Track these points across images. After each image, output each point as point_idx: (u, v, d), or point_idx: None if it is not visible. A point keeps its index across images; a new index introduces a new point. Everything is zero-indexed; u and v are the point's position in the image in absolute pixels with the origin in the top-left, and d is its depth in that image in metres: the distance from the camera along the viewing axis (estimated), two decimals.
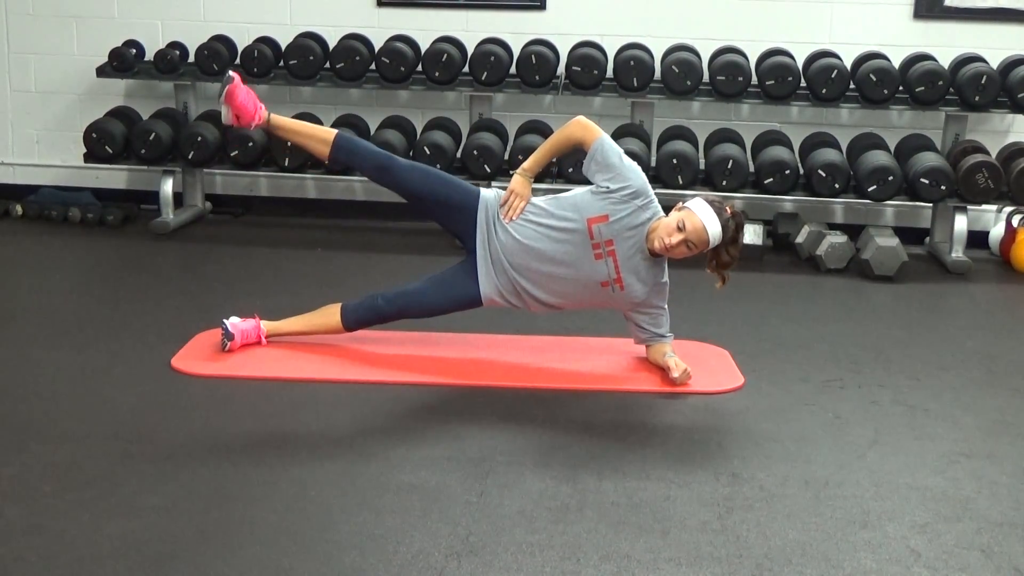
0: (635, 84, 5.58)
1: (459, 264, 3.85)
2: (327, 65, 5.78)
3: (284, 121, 3.94)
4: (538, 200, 3.77)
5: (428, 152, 5.46)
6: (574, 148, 3.81)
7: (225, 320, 3.84)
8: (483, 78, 5.64)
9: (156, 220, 5.77)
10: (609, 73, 5.65)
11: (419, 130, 5.84)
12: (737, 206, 5.85)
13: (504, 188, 3.80)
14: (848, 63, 5.64)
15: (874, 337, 4.35)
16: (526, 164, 3.79)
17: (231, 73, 3.84)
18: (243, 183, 6.35)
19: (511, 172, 3.88)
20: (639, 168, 3.69)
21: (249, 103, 3.84)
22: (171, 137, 5.67)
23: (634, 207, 3.62)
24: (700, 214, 3.56)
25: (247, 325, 3.90)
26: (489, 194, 3.82)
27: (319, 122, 5.82)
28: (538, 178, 3.90)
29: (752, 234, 5.40)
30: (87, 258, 5.43)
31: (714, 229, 3.56)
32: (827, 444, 3.28)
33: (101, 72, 5.91)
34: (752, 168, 5.56)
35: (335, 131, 3.94)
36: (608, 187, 3.63)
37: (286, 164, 5.56)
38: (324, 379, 3.67)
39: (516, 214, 3.73)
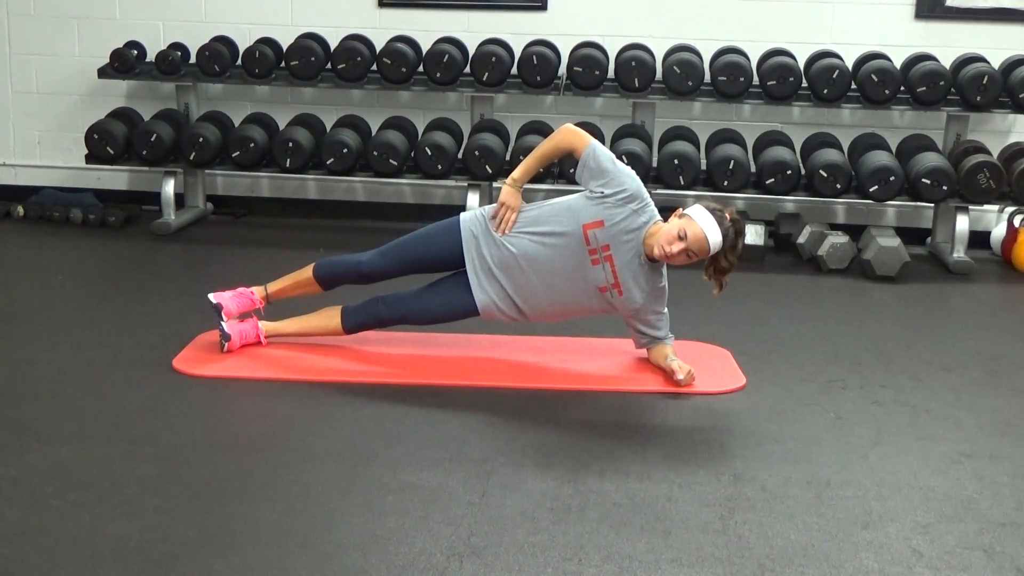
0: (636, 84, 5.58)
1: (458, 273, 3.84)
2: (328, 66, 5.78)
3: (276, 287, 3.99)
4: (529, 208, 3.76)
5: (429, 153, 5.47)
6: (564, 156, 3.81)
7: (223, 321, 3.83)
8: (484, 79, 5.64)
9: (157, 221, 5.77)
10: (610, 74, 5.65)
11: (420, 131, 5.84)
12: (738, 206, 5.91)
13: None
14: (849, 63, 5.64)
15: (876, 337, 4.35)
16: (515, 174, 3.77)
17: (210, 298, 3.87)
18: (244, 184, 6.35)
19: (501, 180, 3.85)
20: (633, 172, 3.68)
21: (242, 301, 3.92)
22: (172, 138, 5.67)
23: (629, 211, 3.61)
24: (701, 222, 3.54)
25: (245, 326, 3.90)
26: (468, 216, 3.82)
27: (320, 125, 5.86)
28: (538, 179, 3.89)
29: (754, 234, 5.40)
30: (88, 259, 5.44)
31: (715, 238, 3.55)
32: (829, 444, 3.28)
33: (102, 73, 5.91)
34: (753, 168, 5.56)
35: (311, 266, 3.96)
36: (603, 192, 3.61)
37: (287, 165, 5.55)
38: (325, 380, 3.67)
39: (509, 227, 3.71)
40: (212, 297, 3.88)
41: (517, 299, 3.74)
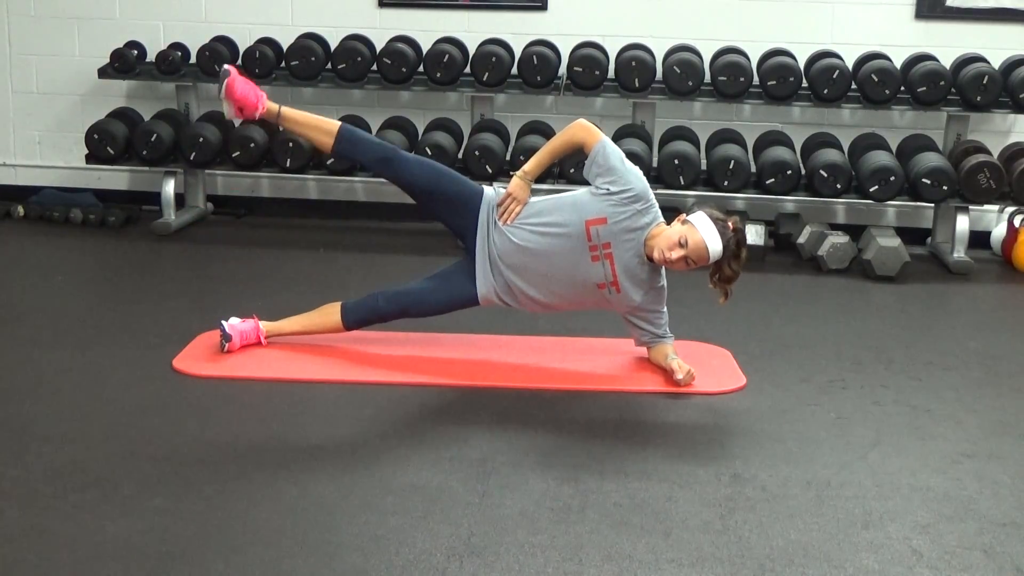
0: (636, 84, 5.58)
1: (457, 263, 3.85)
2: (329, 66, 5.78)
3: (291, 112, 3.88)
4: (535, 200, 3.77)
5: (429, 153, 5.46)
6: (575, 151, 3.81)
7: (224, 322, 3.85)
8: (484, 79, 5.64)
9: (158, 221, 5.77)
10: (611, 74, 5.65)
11: (420, 131, 5.84)
12: (739, 206, 5.91)
13: (506, 187, 3.80)
14: (850, 63, 5.64)
15: (876, 337, 4.35)
16: (527, 167, 3.77)
17: (227, 67, 3.77)
18: (245, 184, 6.35)
19: (511, 173, 3.86)
20: (640, 172, 3.69)
21: (250, 93, 3.78)
22: (172, 138, 5.67)
23: (633, 211, 3.62)
24: (702, 231, 3.54)
25: (246, 326, 3.90)
26: (491, 193, 3.82)
27: None
28: (539, 179, 3.89)
29: (754, 234, 5.40)
30: (89, 259, 5.44)
31: (715, 247, 3.55)
32: (829, 444, 3.28)
33: (103, 73, 5.91)
34: (754, 168, 5.56)
35: (339, 123, 3.88)
36: (609, 189, 3.62)
37: (288, 165, 5.56)
38: (326, 380, 3.67)
39: (512, 218, 3.72)
40: (227, 66, 3.78)
41: (516, 288, 3.75)
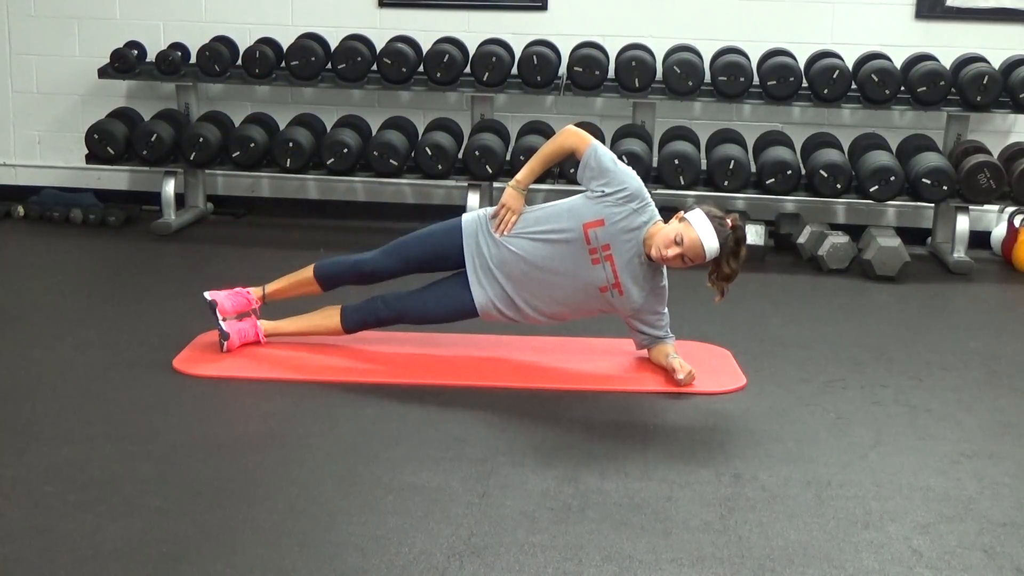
0: (637, 84, 5.58)
1: (458, 273, 3.84)
2: (329, 66, 5.78)
3: (274, 288, 3.99)
4: (530, 210, 3.77)
5: (430, 153, 5.47)
6: (567, 157, 3.81)
7: (221, 323, 3.83)
8: (485, 79, 5.64)
9: (158, 221, 5.77)
10: (611, 74, 5.65)
11: (420, 131, 5.84)
12: (739, 206, 5.91)
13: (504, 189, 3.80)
14: (850, 63, 5.64)
15: (876, 337, 4.35)
16: (519, 176, 3.77)
17: (206, 297, 3.87)
18: (245, 184, 6.35)
19: (506, 183, 3.85)
20: (633, 172, 3.69)
21: (238, 300, 3.91)
22: (172, 138, 5.67)
23: (630, 210, 3.62)
24: (698, 229, 3.54)
25: (244, 324, 3.90)
26: (470, 217, 3.83)
27: (320, 125, 5.86)
28: (539, 179, 3.89)
29: (754, 234, 5.40)
30: (89, 259, 5.44)
31: (711, 245, 3.54)
32: (829, 444, 3.28)
33: (103, 73, 5.91)
34: (754, 168, 5.56)
35: (311, 267, 3.96)
36: (603, 191, 3.62)
37: (288, 165, 5.56)
38: (326, 379, 3.67)
39: (508, 228, 3.72)
40: (207, 295, 3.89)
41: (516, 299, 3.74)
